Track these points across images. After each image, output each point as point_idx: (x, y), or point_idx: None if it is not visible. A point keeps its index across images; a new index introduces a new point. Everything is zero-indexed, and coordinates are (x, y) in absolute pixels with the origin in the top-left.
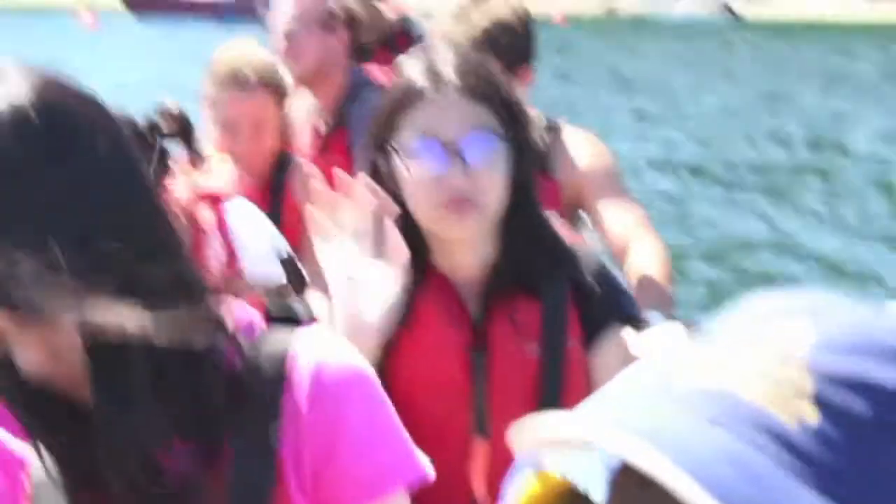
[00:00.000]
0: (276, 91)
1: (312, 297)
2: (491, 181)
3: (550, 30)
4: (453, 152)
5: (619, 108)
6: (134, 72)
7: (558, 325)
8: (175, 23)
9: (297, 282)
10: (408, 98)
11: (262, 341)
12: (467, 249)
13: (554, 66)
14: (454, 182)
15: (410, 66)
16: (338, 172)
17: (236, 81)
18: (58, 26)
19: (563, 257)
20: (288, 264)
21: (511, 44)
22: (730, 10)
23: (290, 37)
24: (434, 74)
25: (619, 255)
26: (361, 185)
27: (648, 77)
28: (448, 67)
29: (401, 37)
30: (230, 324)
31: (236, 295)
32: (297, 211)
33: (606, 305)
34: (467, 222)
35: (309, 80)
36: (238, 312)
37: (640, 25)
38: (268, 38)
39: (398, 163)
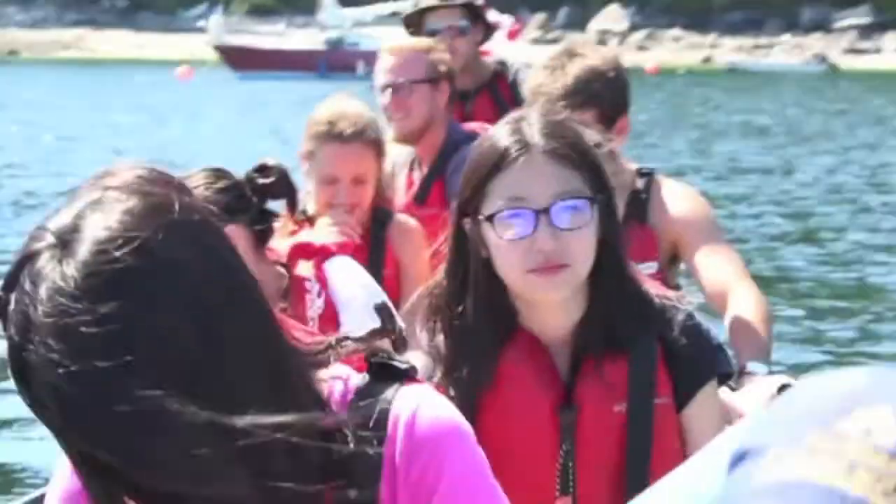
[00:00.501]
0: (376, 145)
1: (409, 355)
2: (580, 244)
3: (642, 79)
4: (542, 217)
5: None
6: (230, 123)
7: (647, 383)
8: (270, 77)
9: (391, 328)
10: (496, 163)
11: (362, 398)
12: (557, 310)
13: (647, 113)
14: (544, 247)
15: (498, 132)
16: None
17: (336, 135)
18: (157, 78)
19: (651, 314)
20: (383, 311)
21: (604, 92)
22: (825, 61)
23: (396, 92)
24: (521, 139)
25: (718, 305)
26: None
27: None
28: (534, 131)
29: (500, 80)
30: (326, 393)
31: (335, 358)
32: (397, 266)
33: (699, 362)
34: (557, 286)
35: (414, 136)
36: (336, 377)
37: (734, 75)
38: (366, 94)
39: (487, 228)
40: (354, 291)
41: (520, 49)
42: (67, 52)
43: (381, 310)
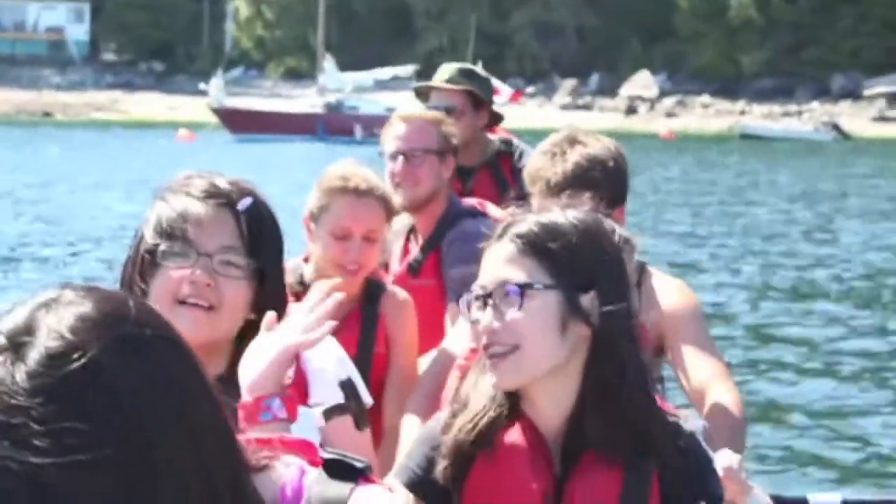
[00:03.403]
0: (387, 204)
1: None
2: (522, 328)
3: (658, 142)
4: (486, 299)
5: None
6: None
7: (638, 499)
8: (269, 139)
9: (356, 406)
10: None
11: (316, 499)
12: (543, 398)
13: (659, 175)
14: (484, 327)
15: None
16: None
17: (352, 189)
18: (158, 140)
19: (655, 436)
20: (346, 387)
21: (603, 181)
22: (836, 128)
23: (408, 160)
24: (505, 227)
25: (697, 401)
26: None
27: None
28: (519, 221)
29: (503, 159)
30: (278, 488)
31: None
32: (388, 343)
33: (692, 485)
34: (505, 371)
35: (419, 205)
36: (287, 473)
37: (747, 141)
38: (365, 160)
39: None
40: (325, 363)
41: (550, 115)
42: (100, 113)
43: (345, 385)
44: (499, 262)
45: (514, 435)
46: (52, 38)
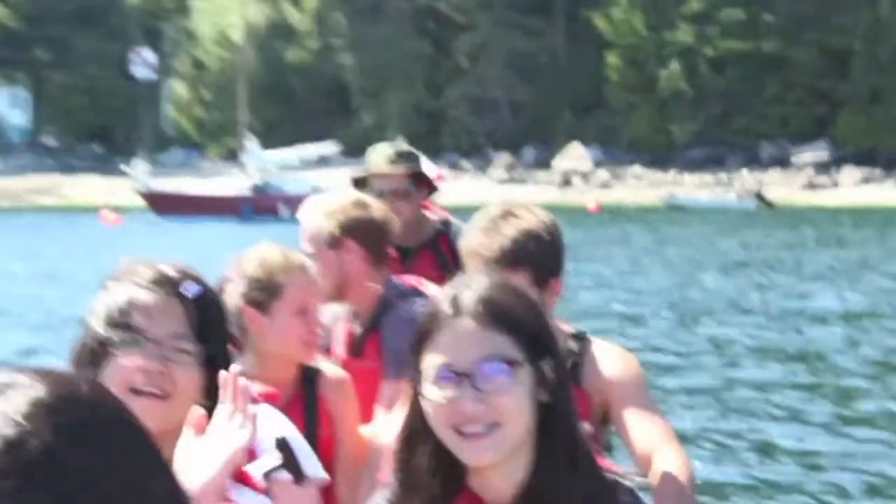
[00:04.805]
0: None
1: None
2: (506, 406)
3: (586, 217)
4: (464, 380)
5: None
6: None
7: None
8: (196, 221)
9: (292, 467)
10: (431, 324)
11: None
12: (496, 472)
13: (584, 251)
14: (466, 409)
15: (439, 294)
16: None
17: (298, 265)
18: (82, 224)
19: (599, 493)
20: (282, 447)
21: (538, 254)
22: (760, 197)
23: (311, 258)
24: (455, 303)
25: (643, 466)
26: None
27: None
28: (469, 295)
29: (442, 238)
30: None
31: None
32: (332, 424)
33: None
34: (484, 449)
35: (333, 296)
36: None
37: (673, 210)
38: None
39: (424, 387)
40: (270, 429)
41: (486, 189)
42: (41, 197)
43: (281, 446)
44: (466, 339)
45: None
46: None
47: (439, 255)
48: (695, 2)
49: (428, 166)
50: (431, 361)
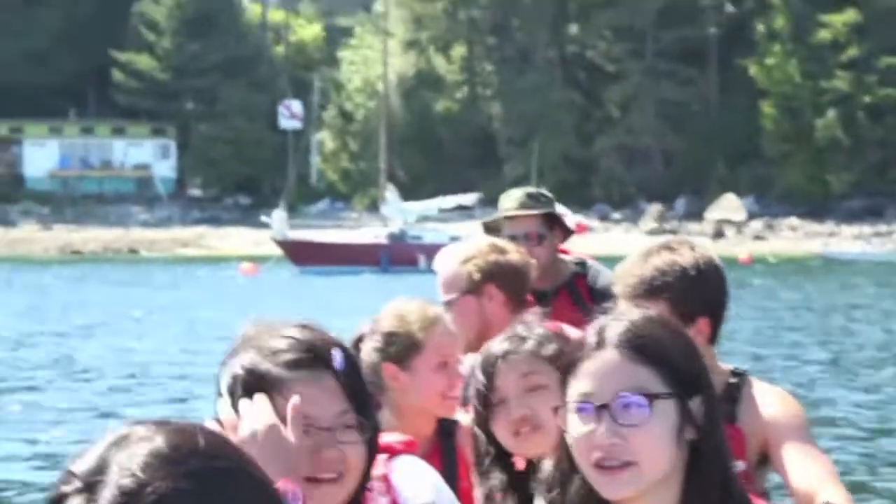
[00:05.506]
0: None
1: None
2: (643, 441)
3: (737, 269)
4: (602, 412)
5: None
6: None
7: None
8: (334, 271)
9: None
10: (577, 356)
11: None
12: None
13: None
14: (602, 442)
15: (591, 325)
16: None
17: (437, 318)
18: (221, 275)
19: None
20: None
21: (680, 288)
22: None
23: (448, 309)
24: (601, 334)
25: None
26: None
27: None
28: (615, 327)
29: (579, 280)
30: None
31: None
32: (471, 475)
33: None
34: (620, 486)
35: (473, 347)
36: None
37: (825, 263)
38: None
39: (567, 418)
40: (418, 489)
41: (637, 240)
42: (186, 249)
43: None
44: (607, 371)
45: None
46: (139, 175)
47: (576, 297)
48: (851, 49)
49: (568, 217)
50: (573, 392)
